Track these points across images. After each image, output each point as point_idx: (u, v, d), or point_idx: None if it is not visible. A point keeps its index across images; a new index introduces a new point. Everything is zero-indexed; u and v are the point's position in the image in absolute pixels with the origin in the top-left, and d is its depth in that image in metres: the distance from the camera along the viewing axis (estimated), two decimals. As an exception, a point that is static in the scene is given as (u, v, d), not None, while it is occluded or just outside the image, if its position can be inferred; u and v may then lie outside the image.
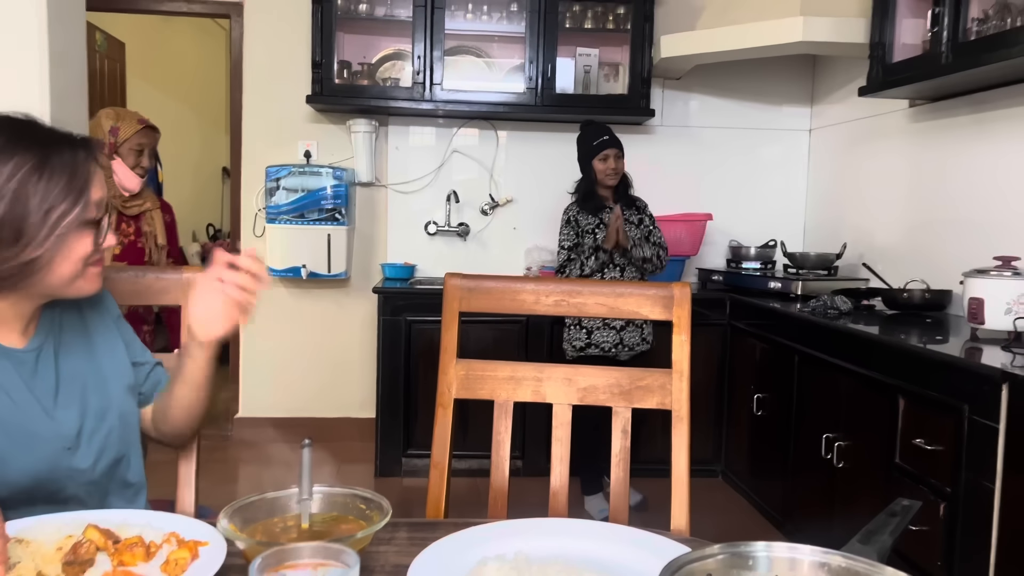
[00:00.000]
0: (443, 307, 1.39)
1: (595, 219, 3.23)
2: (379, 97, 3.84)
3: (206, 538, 0.96)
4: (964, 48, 2.47)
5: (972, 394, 1.95)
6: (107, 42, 4.91)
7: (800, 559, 0.72)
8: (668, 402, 1.33)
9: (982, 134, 2.85)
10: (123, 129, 2.63)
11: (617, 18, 3.87)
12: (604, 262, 3.19)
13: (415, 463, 3.66)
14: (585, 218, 3.26)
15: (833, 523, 2.63)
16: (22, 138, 1.07)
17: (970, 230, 2.89)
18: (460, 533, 1.00)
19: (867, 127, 3.65)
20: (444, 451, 1.34)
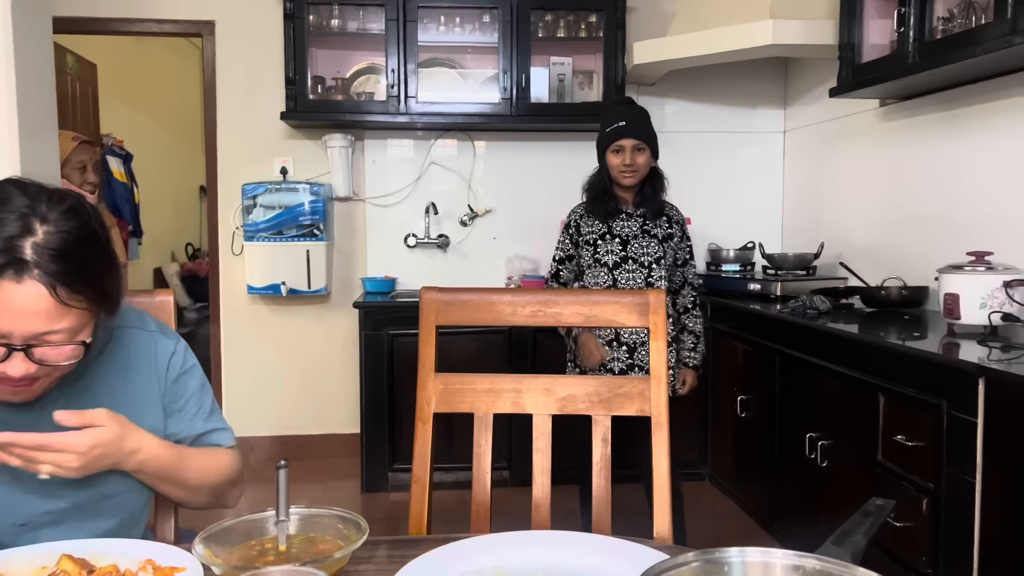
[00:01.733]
0: (420, 321, 1.38)
1: (602, 227, 2.58)
2: (354, 112, 3.84)
3: (183, 564, 0.95)
4: (930, 47, 2.50)
5: (950, 389, 1.96)
6: (78, 64, 4.88)
7: (774, 563, 0.72)
8: (647, 408, 1.33)
9: (952, 131, 2.89)
10: (62, 148, 2.66)
11: (589, 26, 3.89)
12: (616, 262, 2.56)
13: (402, 477, 3.64)
14: (589, 224, 2.60)
15: (820, 522, 2.65)
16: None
17: (944, 226, 2.92)
18: (439, 550, 1.00)
19: (840, 127, 3.69)
20: (425, 466, 1.34)
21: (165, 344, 1.22)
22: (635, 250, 2.56)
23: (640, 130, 2.54)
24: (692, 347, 2.66)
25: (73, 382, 1.11)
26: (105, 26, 4.03)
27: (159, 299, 1.40)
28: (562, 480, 1.59)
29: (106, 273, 1.01)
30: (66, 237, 0.95)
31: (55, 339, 0.97)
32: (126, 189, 5.40)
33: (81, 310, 0.97)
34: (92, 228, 1.00)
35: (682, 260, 2.66)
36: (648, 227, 2.58)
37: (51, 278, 0.93)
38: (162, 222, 6.30)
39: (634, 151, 2.52)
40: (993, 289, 2.24)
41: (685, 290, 2.70)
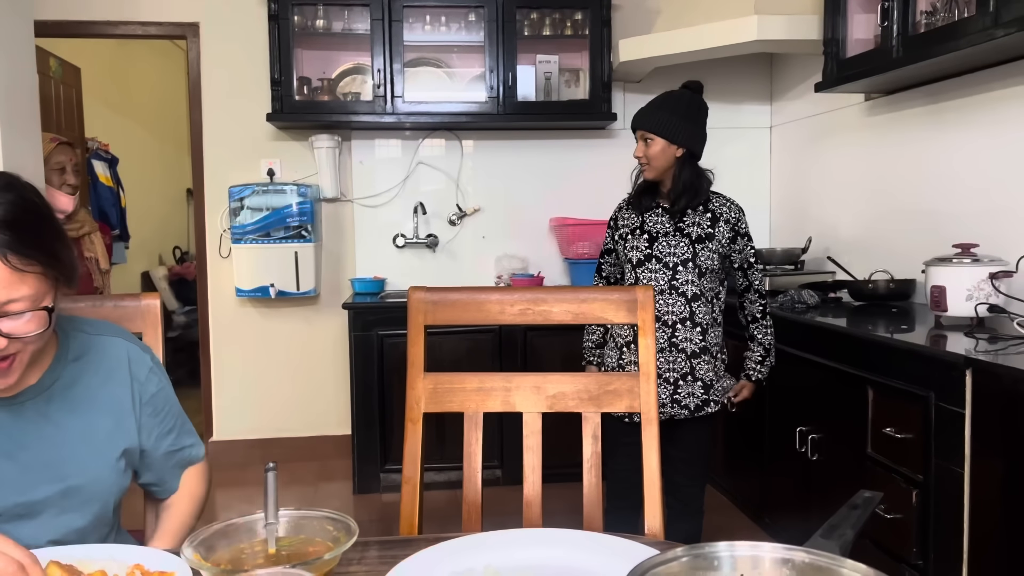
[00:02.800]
0: (408, 321, 1.38)
1: (635, 220, 2.35)
2: (340, 112, 3.83)
3: (171, 568, 0.95)
4: (914, 41, 2.52)
5: (938, 381, 1.98)
6: (62, 68, 4.84)
7: (762, 556, 0.73)
8: (637, 405, 1.34)
9: (937, 125, 2.90)
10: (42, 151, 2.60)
11: (575, 24, 3.89)
12: (640, 259, 2.31)
13: (394, 478, 3.63)
14: (626, 217, 2.40)
15: (810, 515, 2.66)
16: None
17: (930, 219, 2.94)
18: (430, 549, 0.99)
19: (825, 122, 3.71)
20: (415, 466, 1.33)
21: (142, 358, 1.23)
22: (661, 248, 2.28)
23: (646, 119, 2.29)
24: (760, 360, 2.40)
25: (52, 383, 1.13)
26: (88, 29, 4.00)
27: (145, 303, 1.39)
28: (554, 479, 1.58)
29: (55, 240, 1.03)
30: (8, 207, 0.97)
31: (17, 307, 0.98)
32: (112, 193, 5.37)
33: (37, 275, 0.98)
34: (31, 198, 1.02)
35: (741, 263, 2.34)
36: (681, 225, 2.28)
37: (1, 248, 0.94)
38: (149, 226, 6.26)
39: (643, 141, 2.30)
40: (979, 281, 2.25)
41: (751, 296, 2.38)
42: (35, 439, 1.11)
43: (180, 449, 1.28)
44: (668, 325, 2.27)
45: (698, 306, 2.28)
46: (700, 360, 2.29)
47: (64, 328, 1.17)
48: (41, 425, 1.12)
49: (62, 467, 1.12)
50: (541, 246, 4.21)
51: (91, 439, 1.15)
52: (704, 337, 2.29)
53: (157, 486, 1.27)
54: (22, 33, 2.49)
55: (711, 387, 2.31)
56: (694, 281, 2.27)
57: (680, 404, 2.28)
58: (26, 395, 1.11)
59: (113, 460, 1.17)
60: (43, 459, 1.11)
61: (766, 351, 2.41)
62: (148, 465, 1.24)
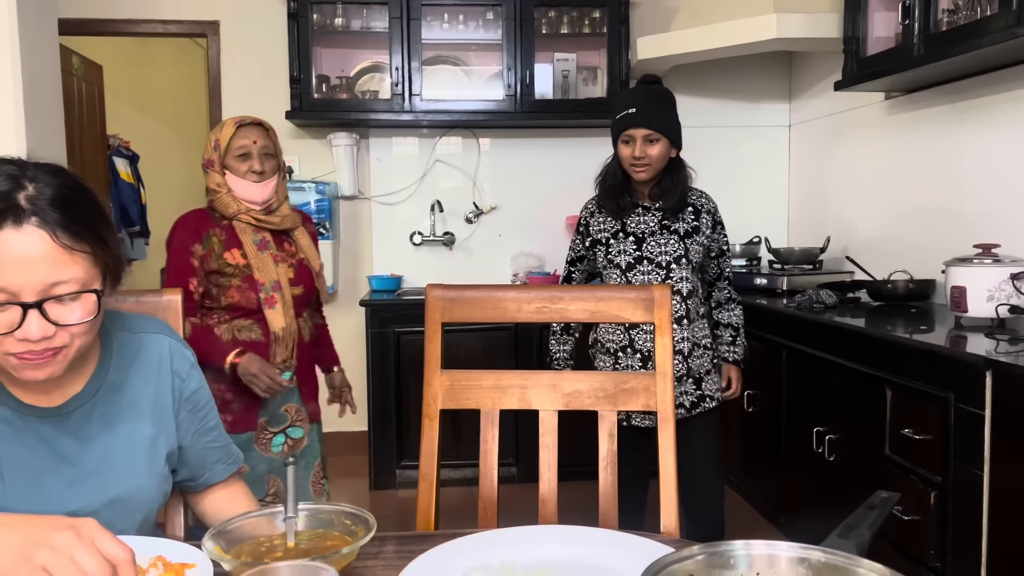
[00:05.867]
0: (426, 319, 1.39)
1: (614, 223, 2.27)
2: (359, 110, 3.85)
3: (193, 560, 0.96)
4: (935, 39, 2.49)
5: (958, 382, 1.96)
6: (84, 66, 4.90)
7: (779, 555, 0.73)
8: (653, 404, 1.34)
9: (958, 124, 2.88)
10: (221, 137, 2.19)
11: (593, 22, 3.89)
12: (630, 263, 2.24)
13: (409, 474, 3.65)
14: (600, 221, 2.30)
15: (827, 516, 2.64)
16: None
17: (950, 219, 2.91)
18: (446, 545, 1.00)
19: (845, 121, 3.68)
20: (432, 463, 1.34)
21: (184, 354, 1.22)
22: (651, 249, 2.23)
23: (653, 118, 2.17)
24: (731, 340, 2.39)
25: (96, 390, 1.12)
26: (110, 27, 4.05)
27: (167, 298, 1.40)
28: (568, 477, 1.59)
29: (104, 226, 1.01)
30: (57, 188, 0.97)
31: (65, 290, 0.96)
32: (133, 190, 5.42)
33: (85, 255, 0.97)
34: (79, 182, 1.02)
35: (717, 252, 2.33)
36: (668, 222, 2.24)
37: (50, 225, 0.94)
38: (169, 222, 6.28)
39: (645, 142, 2.18)
40: (1000, 281, 2.23)
41: (721, 284, 2.39)
42: (80, 452, 1.09)
43: (224, 446, 1.27)
44: None
45: (692, 302, 2.26)
46: (693, 356, 2.27)
47: (107, 327, 1.15)
48: (87, 436, 1.10)
49: (107, 478, 1.10)
50: (557, 244, 4.21)
51: (136, 448, 1.13)
52: (695, 333, 2.28)
53: (192, 481, 1.26)
54: (47, 31, 2.52)
55: (703, 380, 2.28)
56: (688, 278, 2.25)
57: (676, 403, 2.19)
58: (72, 405, 1.09)
59: (158, 467, 1.16)
60: (88, 471, 1.09)
61: (735, 331, 2.40)
62: (184, 462, 1.23)
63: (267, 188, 2.16)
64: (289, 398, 2.23)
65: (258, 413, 2.17)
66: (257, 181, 2.15)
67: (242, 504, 1.28)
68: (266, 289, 2.12)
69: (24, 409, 1.06)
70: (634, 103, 2.22)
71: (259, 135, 2.17)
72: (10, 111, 2.30)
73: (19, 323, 0.94)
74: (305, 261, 2.25)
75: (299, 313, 2.22)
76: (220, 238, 2.13)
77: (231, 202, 2.14)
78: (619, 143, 2.25)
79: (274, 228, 2.19)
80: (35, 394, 1.07)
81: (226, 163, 2.16)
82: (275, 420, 2.21)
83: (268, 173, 2.16)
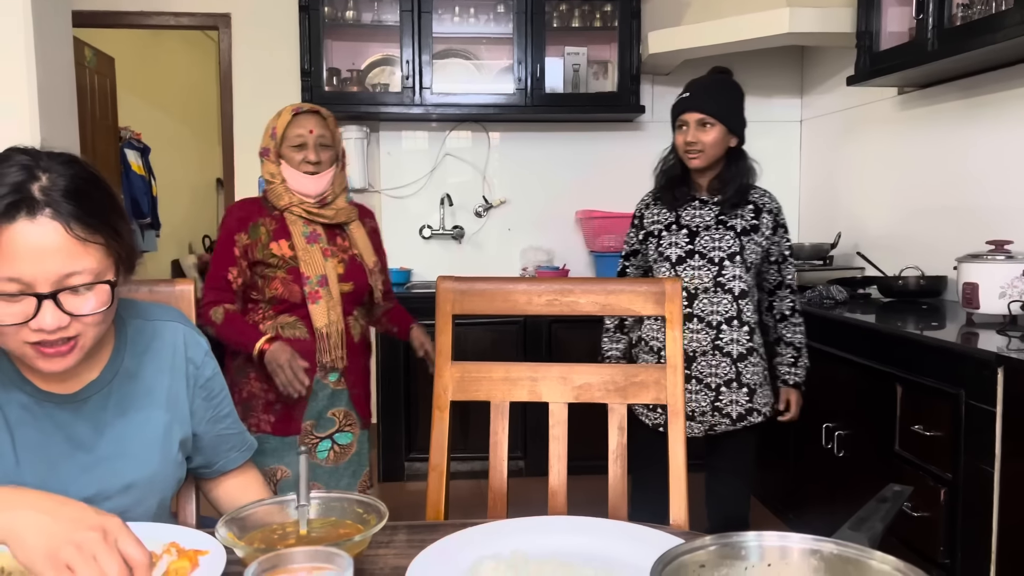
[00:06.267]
0: (436, 310, 1.39)
1: (669, 215, 2.19)
2: (369, 103, 3.85)
3: (206, 547, 0.97)
4: (950, 34, 2.48)
5: (969, 379, 1.95)
6: (96, 58, 4.92)
7: (791, 547, 0.73)
8: (663, 397, 1.34)
9: (971, 119, 2.86)
10: (277, 125, 2.10)
11: (604, 16, 3.88)
12: (681, 256, 2.16)
13: (418, 467, 3.66)
14: (654, 213, 2.22)
15: (836, 512, 2.64)
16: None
17: (963, 215, 2.90)
18: (458, 534, 1.01)
19: (857, 116, 3.66)
20: (442, 454, 1.35)
21: (198, 341, 1.23)
22: (704, 243, 2.13)
23: (706, 101, 2.12)
24: (792, 362, 2.26)
25: (112, 377, 1.13)
26: (122, 19, 4.06)
27: (179, 288, 1.41)
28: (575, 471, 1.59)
29: (117, 217, 1.02)
30: (71, 178, 0.97)
31: (79, 280, 0.96)
32: (144, 182, 5.45)
33: (99, 246, 0.98)
34: (93, 172, 1.02)
35: (778, 256, 2.21)
36: (725, 217, 2.14)
37: (64, 216, 0.94)
38: (179, 214, 6.35)
39: (698, 127, 2.11)
40: (1013, 278, 2.22)
41: (782, 292, 2.25)
42: (96, 437, 1.10)
43: (238, 433, 1.29)
44: (712, 326, 2.12)
45: (745, 304, 2.14)
46: (746, 363, 2.14)
47: (121, 316, 1.16)
48: (102, 422, 1.11)
49: (122, 464, 1.11)
50: (567, 239, 4.21)
51: (151, 434, 1.14)
52: (751, 337, 2.16)
53: (206, 468, 1.27)
54: (61, 23, 2.53)
55: (755, 392, 2.16)
56: (741, 277, 2.13)
57: (722, 412, 2.14)
58: (88, 391, 1.10)
59: (172, 454, 1.17)
60: (103, 457, 1.10)
61: (797, 351, 2.27)
62: (199, 449, 1.24)
63: (322, 181, 2.07)
64: (337, 401, 2.11)
65: (302, 416, 2.06)
66: (312, 173, 2.05)
67: (255, 492, 1.28)
68: (311, 283, 2.01)
69: (41, 396, 1.08)
70: (690, 88, 2.18)
71: (316, 124, 2.07)
72: (24, 103, 2.31)
73: (34, 314, 0.95)
74: (358, 257, 2.13)
75: (349, 311, 2.10)
76: (269, 228, 2.05)
77: (284, 193, 2.06)
78: (675, 130, 2.19)
79: (327, 222, 2.09)
80: (52, 381, 1.08)
81: (282, 152, 2.07)
82: (321, 424, 2.09)
83: (324, 164, 2.07)
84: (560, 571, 0.87)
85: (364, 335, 2.19)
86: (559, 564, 0.89)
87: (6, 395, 1.06)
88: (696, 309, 2.14)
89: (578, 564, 0.90)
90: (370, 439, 2.25)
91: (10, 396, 1.06)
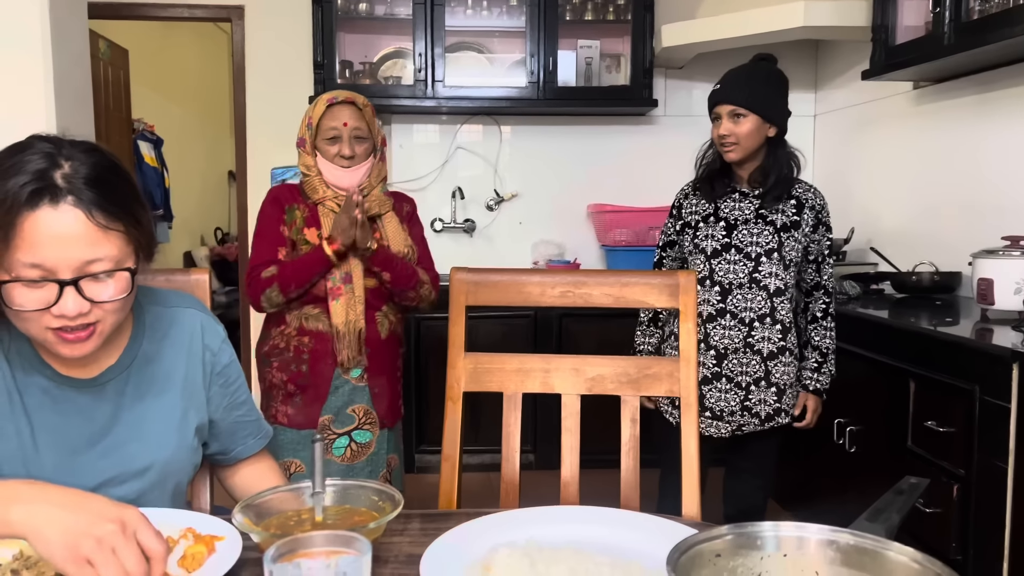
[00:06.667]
0: (450, 301, 1.39)
1: (707, 207, 2.13)
2: (381, 96, 3.85)
3: (222, 533, 0.98)
4: (967, 28, 2.46)
5: (983, 375, 1.94)
6: (110, 49, 4.94)
7: (808, 537, 0.73)
8: (676, 389, 1.34)
9: (987, 114, 2.83)
10: (313, 116, 2.05)
11: (617, 9, 3.86)
12: (717, 249, 2.11)
13: (428, 459, 3.67)
14: (692, 203, 2.17)
15: (846, 508, 2.63)
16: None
17: (978, 211, 2.88)
18: (472, 522, 1.01)
19: (872, 111, 3.64)
20: (455, 444, 1.35)
21: (215, 328, 1.24)
22: (742, 237, 2.08)
23: (737, 92, 2.05)
24: (816, 367, 2.18)
25: (130, 361, 1.14)
26: (137, 11, 4.08)
27: (195, 278, 1.42)
28: (589, 464, 1.59)
29: (137, 204, 1.03)
30: (92, 166, 0.98)
31: (100, 267, 0.98)
32: (156, 174, 5.48)
33: (120, 234, 0.99)
34: (113, 160, 1.03)
35: (817, 255, 2.14)
36: (765, 212, 2.08)
37: (86, 204, 0.96)
38: (191, 206, 6.38)
39: (731, 119, 2.05)
40: (1028, 274, 2.20)
41: (817, 294, 2.19)
42: (115, 422, 1.12)
43: (255, 420, 1.30)
44: (745, 323, 2.07)
45: (780, 302, 2.08)
46: (777, 362, 2.09)
47: (140, 302, 1.17)
48: (120, 407, 1.12)
49: (139, 449, 1.13)
50: (578, 232, 4.20)
51: (168, 419, 1.16)
52: (784, 337, 2.10)
53: (222, 454, 1.28)
54: (77, 15, 2.54)
55: (784, 393, 2.11)
56: (778, 274, 2.08)
57: (751, 412, 2.10)
58: (107, 376, 1.11)
59: (189, 439, 1.18)
60: (121, 441, 1.12)
61: (823, 356, 2.19)
62: (215, 435, 1.25)
63: (357, 174, 2.02)
64: (357, 398, 2.06)
65: (321, 410, 2.03)
66: (346, 167, 2.00)
67: (271, 480, 1.29)
68: (335, 280, 1.98)
69: (60, 380, 1.09)
70: (723, 79, 2.12)
71: (351, 116, 2.02)
72: (41, 95, 2.32)
73: (55, 300, 0.96)
74: (388, 250, 2.07)
75: (377, 307, 2.06)
76: (303, 214, 2.03)
77: (319, 186, 2.03)
78: (712, 122, 2.13)
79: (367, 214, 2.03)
80: (71, 366, 1.09)
81: (317, 144, 2.03)
82: (340, 420, 2.05)
83: (359, 157, 2.02)
84: (574, 559, 0.88)
85: (394, 331, 2.13)
86: (573, 552, 0.89)
87: (26, 379, 1.07)
88: (729, 305, 2.09)
89: (592, 553, 0.90)
90: (393, 440, 2.19)
91: (30, 380, 1.08)
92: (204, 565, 0.91)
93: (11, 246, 0.93)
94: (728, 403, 2.11)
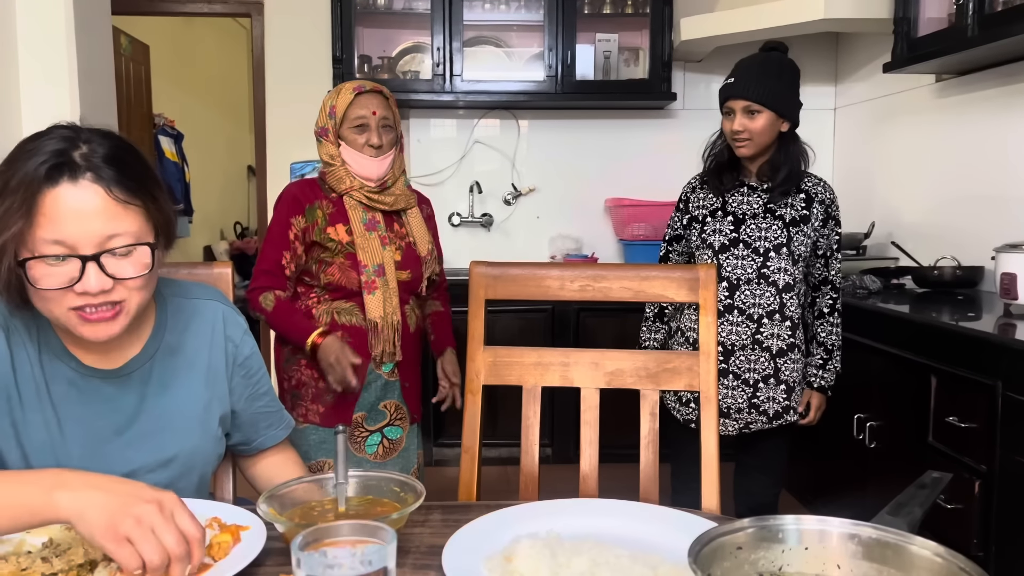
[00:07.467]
0: (469, 295, 1.40)
1: (715, 201, 2.12)
2: (400, 90, 3.85)
3: (247, 522, 0.99)
4: (990, 20, 2.43)
5: (1006, 370, 1.92)
6: (132, 45, 4.98)
7: (830, 531, 0.73)
8: (696, 384, 1.34)
9: (1011, 107, 2.80)
10: (337, 104, 2.00)
11: (636, 2, 3.85)
12: (724, 244, 2.09)
13: (446, 452, 3.69)
14: (700, 197, 2.15)
15: (866, 504, 2.62)
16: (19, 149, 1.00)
17: (1001, 205, 2.85)
18: (493, 514, 1.02)
19: (893, 104, 3.60)
20: (474, 436, 1.36)
21: (237, 320, 1.25)
22: (750, 232, 2.06)
23: (752, 87, 2.01)
24: (821, 364, 2.17)
25: (154, 351, 1.15)
26: (158, 7, 4.11)
27: (217, 271, 1.43)
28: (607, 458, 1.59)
29: (153, 180, 1.05)
30: (110, 147, 1.01)
31: (120, 242, 0.99)
32: (177, 168, 5.53)
33: (139, 209, 1.01)
34: (129, 143, 1.06)
35: (825, 250, 2.12)
36: (773, 206, 2.06)
37: (105, 180, 0.98)
38: (211, 201, 6.43)
39: (745, 114, 2.03)
40: (1053, 269, 2.18)
41: (825, 289, 2.16)
42: (140, 412, 1.13)
43: (276, 411, 1.31)
44: (753, 319, 2.06)
45: (789, 298, 2.06)
46: (786, 359, 2.08)
47: (162, 293, 1.18)
48: (145, 397, 1.14)
49: (164, 439, 1.14)
50: (596, 227, 4.20)
51: (191, 410, 1.17)
52: (793, 333, 2.08)
53: (245, 445, 1.29)
54: (100, 11, 2.57)
55: (793, 390, 2.11)
56: (787, 269, 2.05)
57: (759, 409, 2.09)
58: (131, 366, 1.13)
59: (212, 429, 1.19)
60: (145, 431, 1.13)
61: (828, 353, 2.17)
62: (238, 426, 1.26)
63: (384, 164, 2.00)
64: (389, 393, 2.04)
65: (354, 408, 2.00)
66: (374, 156, 1.97)
67: (292, 471, 1.31)
68: (368, 272, 1.95)
69: (86, 370, 1.10)
70: (736, 72, 2.08)
71: (379, 105, 1.99)
72: (66, 91, 2.35)
73: (79, 277, 0.98)
74: (413, 244, 2.07)
75: (405, 300, 2.04)
76: (326, 211, 1.97)
77: (345, 177, 1.99)
78: (723, 116, 2.11)
79: (386, 208, 2.02)
80: (96, 356, 1.11)
81: (342, 134, 1.99)
82: (372, 417, 2.02)
83: (386, 147, 1.99)
84: (595, 551, 0.88)
85: (420, 325, 2.12)
86: (594, 544, 0.90)
87: (52, 370, 1.09)
88: (737, 301, 2.08)
89: (613, 544, 0.91)
90: (419, 435, 2.19)
91: (56, 370, 1.09)
92: (230, 554, 0.92)
93: (33, 223, 0.96)
94: (735, 400, 2.10)
